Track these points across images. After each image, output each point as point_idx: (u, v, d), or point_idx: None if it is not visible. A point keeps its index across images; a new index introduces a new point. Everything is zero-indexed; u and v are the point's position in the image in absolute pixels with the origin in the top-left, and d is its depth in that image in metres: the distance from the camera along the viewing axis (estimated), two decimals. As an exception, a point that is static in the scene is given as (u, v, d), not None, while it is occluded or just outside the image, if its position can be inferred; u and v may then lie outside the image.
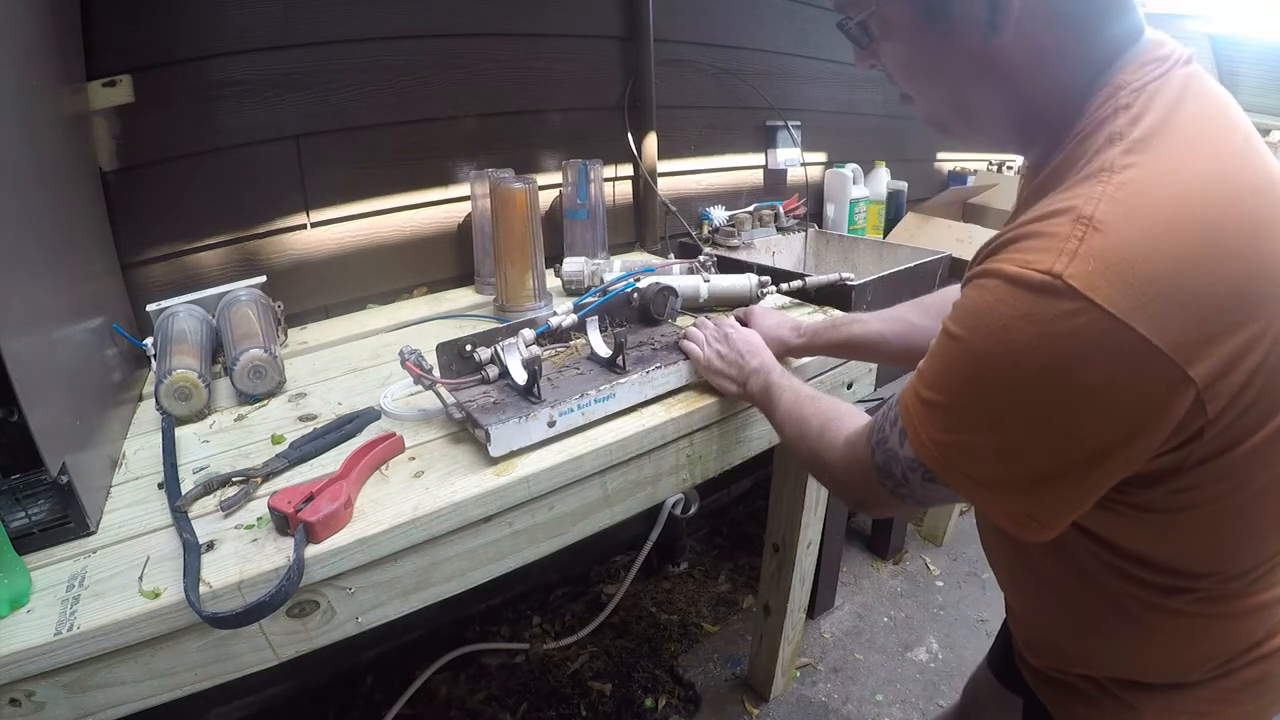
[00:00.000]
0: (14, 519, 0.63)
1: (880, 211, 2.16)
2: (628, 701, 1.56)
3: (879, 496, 0.61)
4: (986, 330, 0.47)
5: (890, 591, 1.91)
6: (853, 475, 0.65)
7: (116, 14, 1.01)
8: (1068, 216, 0.46)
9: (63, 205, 0.86)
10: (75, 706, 0.59)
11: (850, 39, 0.60)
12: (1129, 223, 0.44)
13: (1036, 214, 0.49)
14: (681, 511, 1.87)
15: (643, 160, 1.64)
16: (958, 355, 0.51)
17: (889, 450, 0.58)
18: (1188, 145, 0.48)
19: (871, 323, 0.93)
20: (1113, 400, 0.45)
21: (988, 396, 0.49)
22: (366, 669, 1.57)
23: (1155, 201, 0.45)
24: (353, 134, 1.27)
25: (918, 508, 0.68)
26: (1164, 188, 0.46)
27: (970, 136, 0.61)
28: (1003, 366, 0.47)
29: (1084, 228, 0.45)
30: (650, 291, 1.07)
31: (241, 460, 0.80)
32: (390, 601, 0.72)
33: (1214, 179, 0.47)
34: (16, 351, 0.59)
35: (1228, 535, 0.54)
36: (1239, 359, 0.45)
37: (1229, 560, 0.55)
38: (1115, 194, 0.45)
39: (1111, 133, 0.49)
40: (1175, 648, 0.59)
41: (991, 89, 0.55)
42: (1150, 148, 0.47)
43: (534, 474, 0.77)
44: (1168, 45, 0.52)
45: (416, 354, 0.84)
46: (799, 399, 0.78)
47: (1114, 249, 0.44)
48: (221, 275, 1.19)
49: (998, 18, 0.50)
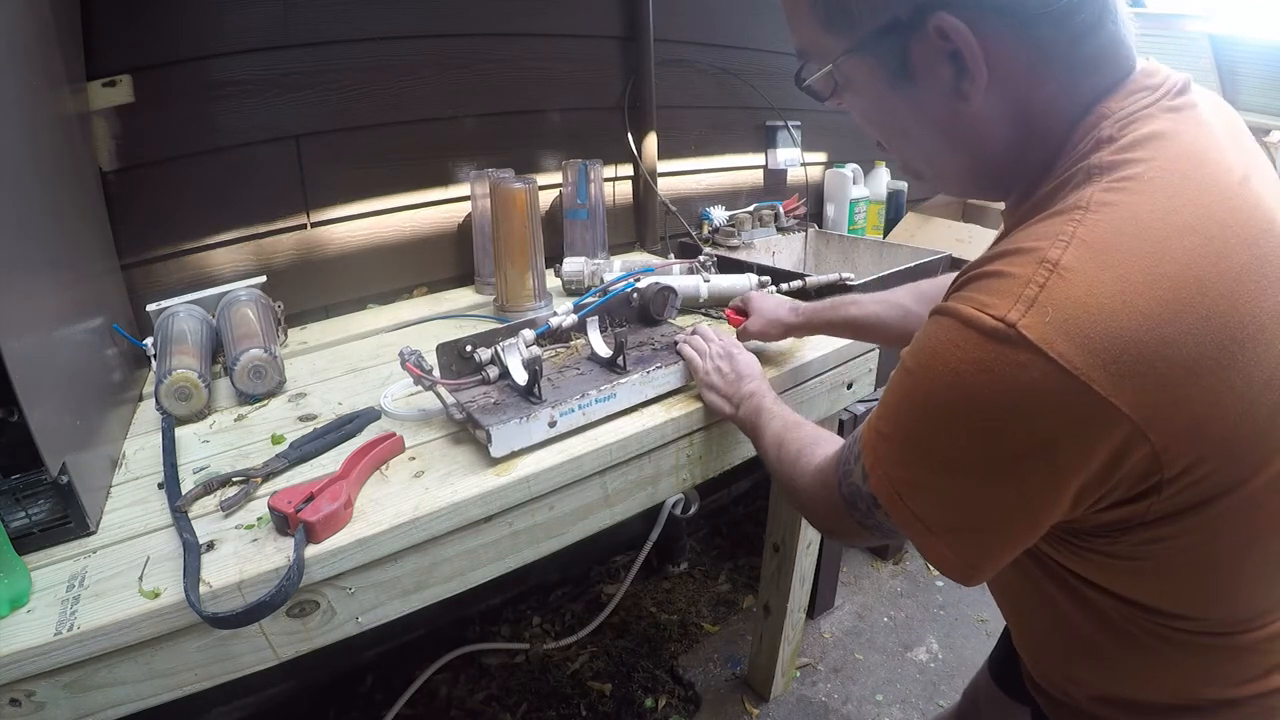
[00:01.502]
0: (14, 519, 0.63)
1: (880, 211, 2.16)
2: (628, 701, 1.55)
3: (847, 526, 0.60)
4: (937, 372, 0.46)
5: (890, 591, 1.91)
6: (820, 504, 0.63)
7: (116, 14, 1.01)
8: (1031, 258, 0.43)
9: (63, 205, 0.86)
10: (75, 706, 0.59)
11: (810, 94, 0.56)
12: (1099, 270, 0.41)
13: (1003, 249, 0.46)
14: (681, 511, 1.87)
15: (643, 160, 1.64)
16: (909, 391, 0.49)
17: (853, 484, 0.57)
18: (1176, 188, 0.43)
19: (868, 304, 0.92)
20: (1060, 453, 0.43)
21: (936, 437, 0.47)
22: (366, 669, 1.57)
23: (1131, 249, 0.42)
24: (353, 134, 1.27)
25: (887, 539, 0.67)
26: (1143, 235, 0.42)
27: (947, 188, 0.59)
28: (951, 410, 0.45)
29: (1047, 272, 0.42)
30: (650, 291, 1.07)
31: (241, 460, 0.80)
32: (390, 601, 0.72)
33: (1202, 230, 0.42)
34: (16, 351, 0.59)
35: (1213, 585, 0.51)
36: (1204, 423, 0.42)
37: (1223, 607, 0.53)
38: (1087, 236, 0.42)
39: (1090, 167, 0.45)
40: (1182, 675, 0.57)
41: (964, 150, 0.52)
42: (1133, 187, 0.43)
43: (534, 474, 0.77)
44: (1159, 74, 0.48)
45: (417, 355, 0.84)
46: (785, 426, 0.77)
47: (1076, 300, 0.41)
48: (221, 275, 1.19)
49: (964, 86, 0.47)
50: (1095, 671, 0.62)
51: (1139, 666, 0.58)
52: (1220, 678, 0.56)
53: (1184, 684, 0.58)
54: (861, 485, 0.55)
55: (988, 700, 0.96)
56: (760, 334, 1.00)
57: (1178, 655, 0.55)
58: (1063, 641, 0.64)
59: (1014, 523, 0.48)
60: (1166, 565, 0.50)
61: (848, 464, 0.58)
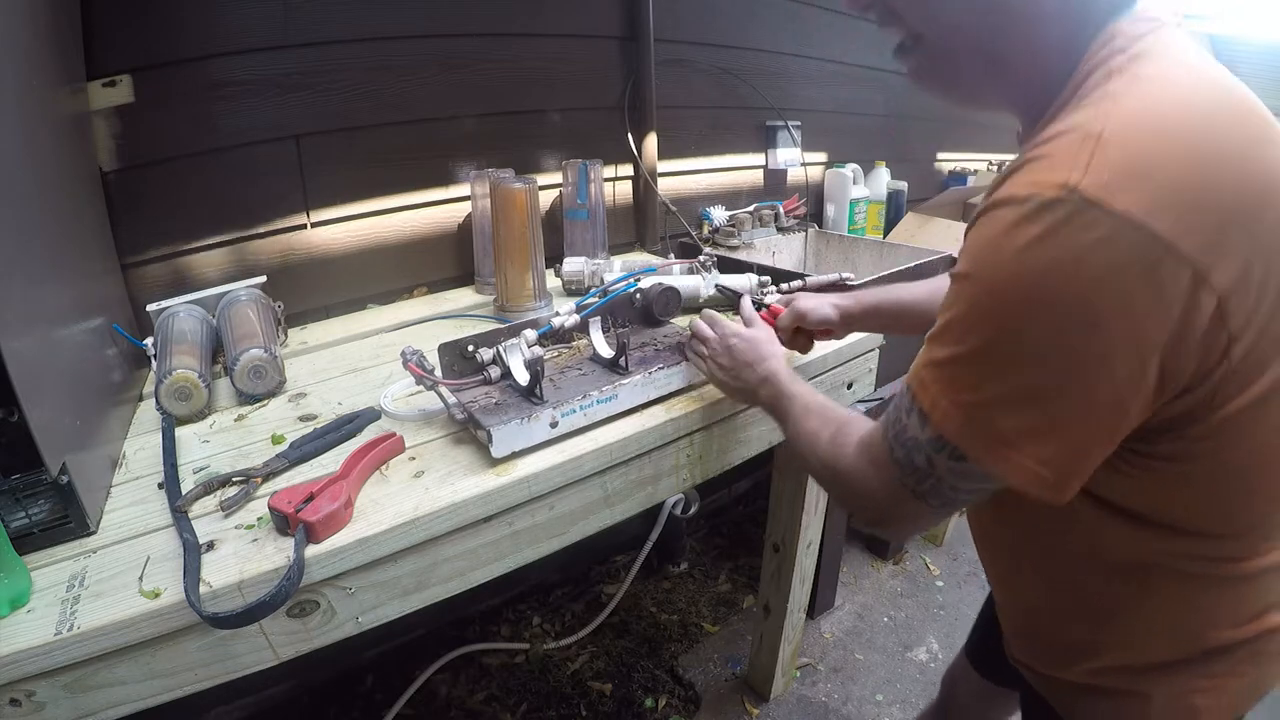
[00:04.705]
0: (14, 519, 0.63)
1: (880, 211, 2.16)
2: (628, 701, 1.56)
3: (901, 500, 0.56)
4: (1000, 262, 0.45)
5: (890, 591, 1.91)
6: (869, 481, 0.59)
7: (116, 14, 1.01)
8: (1075, 135, 0.45)
9: (63, 205, 0.85)
10: (75, 706, 0.59)
11: None
12: (1139, 133, 0.44)
13: (1035, 145, 0.48)
14: (681, 511, 1.87)
15: (643, 160, 1.64)
16: (971, 296, 0.48)
17: (908, 440, 0.53)
18: (1191, 74, 0.48)
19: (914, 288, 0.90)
20: (1138, 312, 0.43)
21: (1009, 334, 0.46)
22: (366, 669, 1.57)
23: (1163, 112, 0.45)
24: (353, 134, 1.27)
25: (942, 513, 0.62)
26: (1171, 101, 0.46)
27: (969, 87, 0.58)
28: (1023, 295, 0.44)
29: (1093, 143, 0.43)
30: (653, 292, 1.07)
31: (241, 460, 0.80)
32: (390, 601, 0.72)
33: (1219, 100, 0.47)
34: (16, 351, 0.59)
35: (1241, 495, 0.53)
36: (1248, 275, 0.44)
37: (1241, 520, 0.55)
38: (1121, 113, 0.45)
39: (1110, 69, 0.48)
40: (1185, 617, 0.58)
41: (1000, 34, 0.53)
42: (1152, 77, 0.47)
43: (534, 474, 0.77)
44: (1158, 9, 0.52)
45: (419, 355, 0.84)
46: (808, 410, 0.73)
47: (1127, 159, 0.43)
48: (221, 275, 1.19)
49: None
50: (1094, 632, 0.63)
51: (1141, 614, 0.59)
52: (1221, 618, 0.58)
53: (1184, 627, 0.59)
54: (921, 435, 0.52)
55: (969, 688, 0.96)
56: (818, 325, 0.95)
57: (1184, 591, 0.57)
58: (1063, 601, 0.64)
59: (1104, 411, 0.46)
60: (1211, 469, 0.51)
61: (898, 422, 0.55)
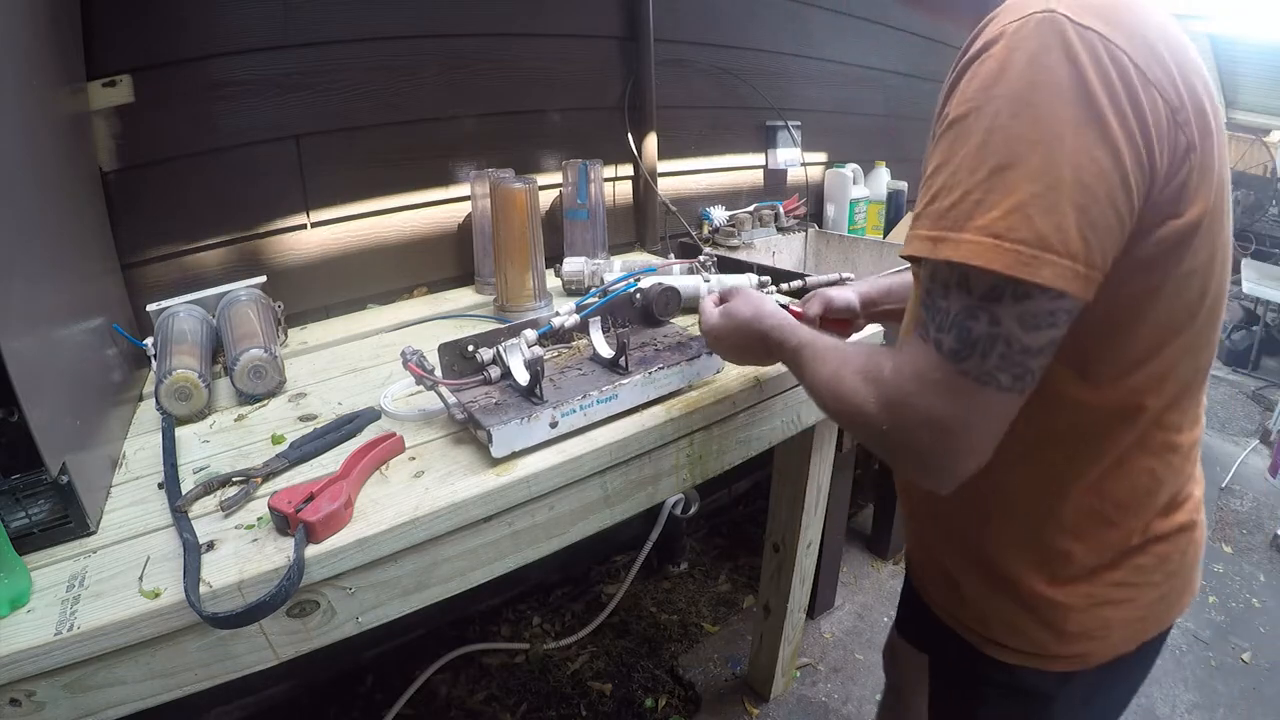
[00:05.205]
0: (14, 519, 0.63)
1: (880, 211, 2.16)
2: (628, 701, 1.55)
3: (967, 397, 0.51)
4: (998, 90, 0.49)
5: (890, 591, 1.91)
6: (925, 395, 0.52)
7: (116, 14, 1.01)
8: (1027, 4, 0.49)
9: (63, 205, 0.86)
10: (75, 706, 0.59)
11: None
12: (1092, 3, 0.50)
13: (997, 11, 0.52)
14: (681, 511, 1.87)
15: (643, 160, 1.64)
16: (974, 126, 0.49)
17: (955, 316, 0.51)
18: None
19: None
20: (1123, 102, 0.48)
21: (1017, 136, 0.48)
22: (366, 669, 1.57)
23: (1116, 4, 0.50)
24: (353, 134, 1.27)
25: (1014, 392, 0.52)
26: None
27: None
28: (1025, 100, 0.48)
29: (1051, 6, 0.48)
30: (653, 292, 1.07)
31: (241, 460, 0.80)
32: (390, 601, 0.72)
33: None
34: (16, 351, 0.59)
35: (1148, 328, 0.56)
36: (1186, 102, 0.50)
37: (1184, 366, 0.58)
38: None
39: None
40: (1105, 507, 0.61)
41: None
42: None
43: (534, 474, 0.77)
44: None
45: (419, 355, 0.84)
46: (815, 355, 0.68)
47: (1086, 5, 0.48)
48: (221, 275, 1.18)
49: None
50: (1020, 530, 0.64)
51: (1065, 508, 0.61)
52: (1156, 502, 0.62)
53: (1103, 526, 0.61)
54: (969, 298, 0.50)
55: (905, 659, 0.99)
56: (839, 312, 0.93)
57: (1122, 470, 0.60)
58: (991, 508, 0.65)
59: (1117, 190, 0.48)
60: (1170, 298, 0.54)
61: (934, 314, 0.53)
